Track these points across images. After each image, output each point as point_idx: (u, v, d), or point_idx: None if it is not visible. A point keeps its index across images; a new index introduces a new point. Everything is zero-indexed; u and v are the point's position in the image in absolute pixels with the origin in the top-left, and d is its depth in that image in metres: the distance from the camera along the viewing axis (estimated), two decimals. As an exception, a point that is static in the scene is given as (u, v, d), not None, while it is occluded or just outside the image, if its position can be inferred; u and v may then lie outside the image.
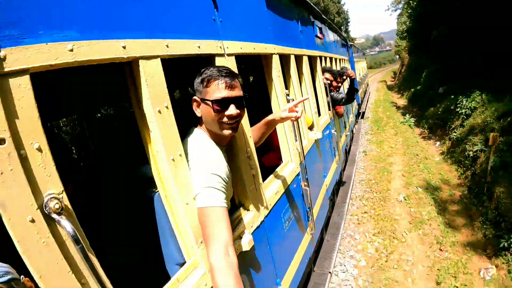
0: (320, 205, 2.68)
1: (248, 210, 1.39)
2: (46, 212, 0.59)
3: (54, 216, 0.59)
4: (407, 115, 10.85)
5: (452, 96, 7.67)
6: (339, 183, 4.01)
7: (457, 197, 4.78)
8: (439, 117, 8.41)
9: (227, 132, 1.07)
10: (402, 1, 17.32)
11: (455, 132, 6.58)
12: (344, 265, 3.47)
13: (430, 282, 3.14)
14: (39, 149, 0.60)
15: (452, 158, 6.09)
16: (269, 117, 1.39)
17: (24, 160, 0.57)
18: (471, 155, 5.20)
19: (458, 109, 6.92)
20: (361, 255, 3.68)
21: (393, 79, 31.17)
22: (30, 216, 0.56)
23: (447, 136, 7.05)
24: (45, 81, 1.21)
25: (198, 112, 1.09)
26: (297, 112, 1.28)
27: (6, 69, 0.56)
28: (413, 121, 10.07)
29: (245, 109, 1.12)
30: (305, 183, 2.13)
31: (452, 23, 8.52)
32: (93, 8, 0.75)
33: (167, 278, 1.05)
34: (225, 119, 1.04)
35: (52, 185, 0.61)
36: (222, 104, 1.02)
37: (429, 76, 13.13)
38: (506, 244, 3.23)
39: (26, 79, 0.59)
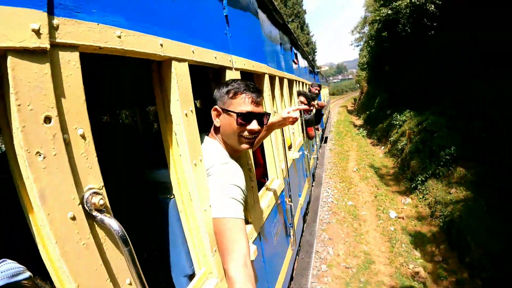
0: (297, 222, 2.74)
1: (247, 222, 1.36)
2: (87, 208, 0.50)
3: (95, 213, 0.51)
4: (361, 129, 15.13)
5: (393, 115, 11.19)
6: (308, 204, 4.18)
7: (391, 173, 8.42)
8: (384, 130, 11.98)
9: (245, 146, 1.07)
10: (364, 39, 20.20)
11: (392, 137, 10.29)
12: (326, 191, 7.21)
13: (371, 197, 6.99)
14: (83, 136, 0.53)
15: (390, 154, 9.84)
16: (268, 122, 1.43)
17: (67, 146, 0.50)
18: (400, 147, 9.03)
19: (395, 122, 10.61)
20: (334, 188, 7.61)
21: (353, 105, 34.22)
22: (72, 212, 0.48)
23: (388, 142, 10.81)
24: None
25: (217, 121, 1.07)
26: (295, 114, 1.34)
27: (57, 40, 0.50)
28: (365, 132, 14.31)
29: (264, 126, 1.13)
30: (289, 199, 2.18)
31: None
32: None
33: (168, 281, 0.96)
34: (245, 133, 1.04)
35: (93, 179, 0.53)
36: (246, 118, 1.02)
37: (381, 102, 15.84)
38: (414, 185, 6.67)
39: (75, 56, 0.53)
